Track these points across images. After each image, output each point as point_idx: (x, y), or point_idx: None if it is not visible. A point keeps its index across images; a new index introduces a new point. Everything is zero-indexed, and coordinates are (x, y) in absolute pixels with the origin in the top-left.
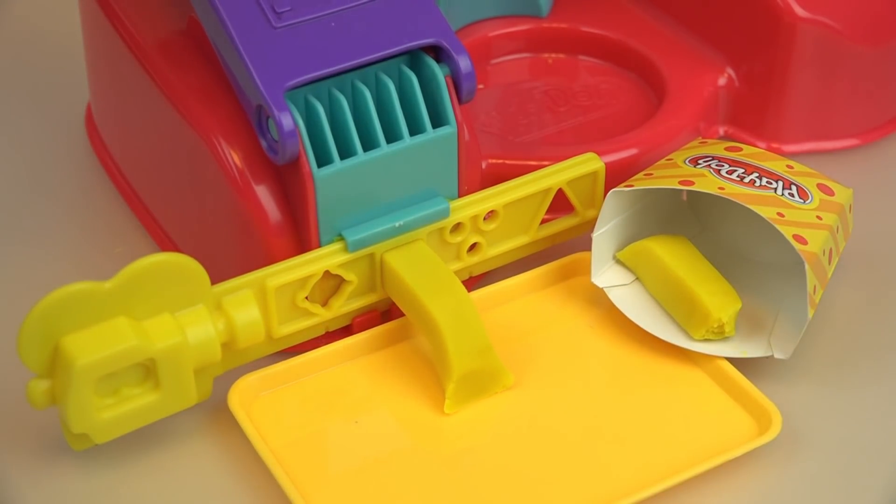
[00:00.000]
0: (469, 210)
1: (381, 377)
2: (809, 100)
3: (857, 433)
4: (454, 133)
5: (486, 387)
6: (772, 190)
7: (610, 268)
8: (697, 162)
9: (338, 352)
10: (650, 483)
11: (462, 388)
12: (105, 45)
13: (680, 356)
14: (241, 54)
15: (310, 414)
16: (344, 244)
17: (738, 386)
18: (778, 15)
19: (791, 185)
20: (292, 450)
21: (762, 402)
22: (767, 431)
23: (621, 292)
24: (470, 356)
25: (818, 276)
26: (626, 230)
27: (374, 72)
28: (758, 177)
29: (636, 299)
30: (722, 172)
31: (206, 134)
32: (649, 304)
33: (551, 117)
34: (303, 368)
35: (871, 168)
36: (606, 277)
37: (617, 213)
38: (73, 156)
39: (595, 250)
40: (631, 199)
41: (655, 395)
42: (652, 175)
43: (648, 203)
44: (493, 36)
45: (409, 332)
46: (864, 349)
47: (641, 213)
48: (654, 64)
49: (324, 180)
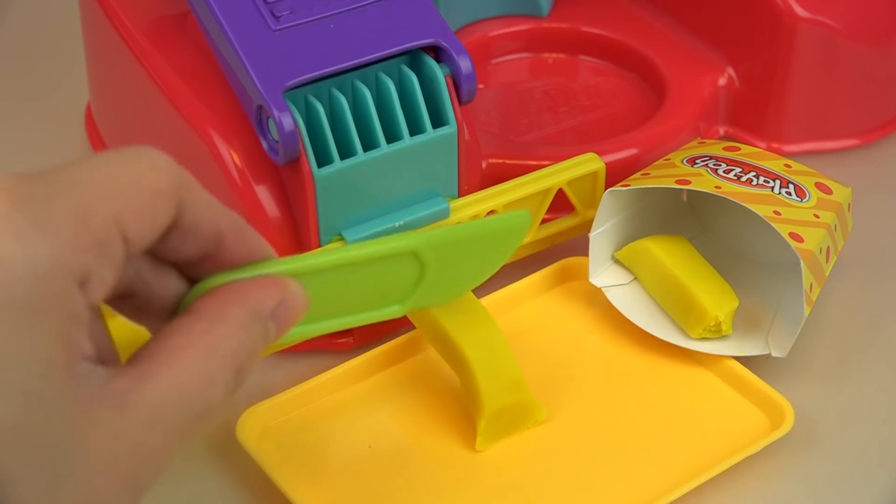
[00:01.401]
0: (469, 210)
1: (391, 397)
2: (809, 100)
3: (861, 428)
4: (454, 133)
5: (518, 422)
6: (769, 189)
7: (608, 268)
8: (695, 161)
9: (345, 374)
10: (676, 486)
11: (493, 423)
12: (105, 44)
13: (684, 357)
14: (239, 56)
15: (321, 441)
16: (343, 244)
17: (746, 382)
18: (778, 15)
19: (789, 183)
20: (305, 479)
21: (773, 396)
22: (782, 425)
23: (619, 292)
24: (502, 391)
25: (815, 274)
26: (626, 230)
27: (375, 72)
28: (755, 175)
29: (634, 299)
30: (719, 171)
31: (206, 134)
32: (647, 303)
33: (551, 117)
34: (312, 394)
35: (871, 168)
36: (604, 277)
37: (615, 213)
38: (73, 156)
39: (593, 250)
40: (630, 199)
41: (666, 397)
42: (649, 175)
43: (648, 203)
44: (494, 36)
45: (416, 347)
46: (864, 348)
47: (641, 213)
48: (654, 64)
49: (324, 180)
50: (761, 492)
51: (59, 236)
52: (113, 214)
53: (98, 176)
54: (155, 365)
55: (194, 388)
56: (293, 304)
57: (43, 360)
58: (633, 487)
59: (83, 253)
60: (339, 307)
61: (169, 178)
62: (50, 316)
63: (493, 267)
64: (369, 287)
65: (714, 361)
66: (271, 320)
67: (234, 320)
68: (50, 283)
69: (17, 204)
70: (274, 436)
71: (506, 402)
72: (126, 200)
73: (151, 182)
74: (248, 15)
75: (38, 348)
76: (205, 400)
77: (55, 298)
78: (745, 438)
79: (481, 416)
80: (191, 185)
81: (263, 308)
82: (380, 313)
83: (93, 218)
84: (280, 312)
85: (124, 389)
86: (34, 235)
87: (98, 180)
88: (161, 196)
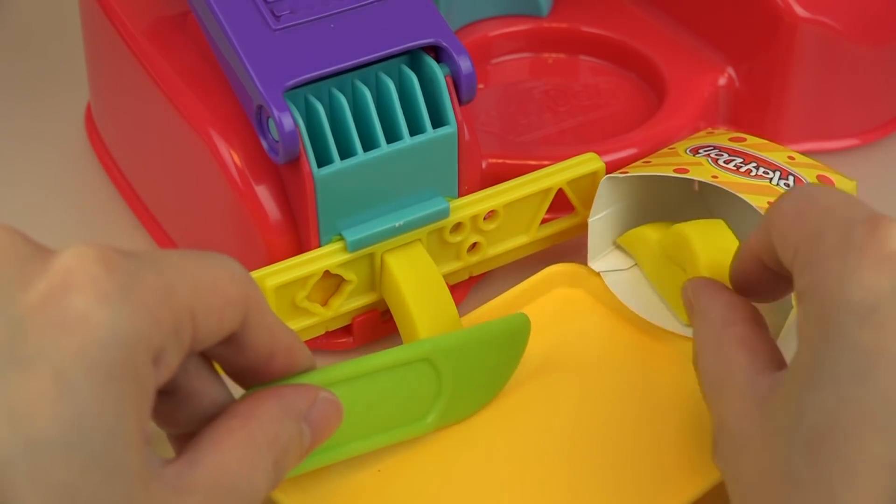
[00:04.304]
0: (469, 210)
1: None
2: (809, 100)
3: None
4: (454, 133)
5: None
6: (767, 180)
7: (609, 253)
8: (698, 151)
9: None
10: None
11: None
12: (105, 44)
13: (685, 358)
14: (239, 55)
15: (328, 466)
16: (344, 244)
17: None
18: (778, 15)
19: (789, 175)
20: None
21: None
22: None
23: (618, 277)
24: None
25: None
26: (634, 217)
27: (375, 72)
28: (755, 166)
29: (632, 284)
30: (720, 162)
31: (206, 134)
32: (645, 289)
33: (551, 117)
34: None
35: (871, 168)
36: (605, 262)
37: (617, 200)
38: (73, 156)
39: (591, 235)
40: (637, 186)
41: (667, 398)
42: (650, 162)
43: (657, 191)
44: (493, 36)
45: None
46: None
47: (651, 202)
48: (654, 64)
49: (324, 180)
50: None
51: (143, 308)
52: (189, 304)
53: (182, 268)
54: (202, 453)
55: (240, 473)
56: (326, 409)
57: (120, 429)
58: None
59: (161, 331)
60: (367, 425)
61: (242, 292)
62: (130, 385)
63: (505, 373)
64: (392, 401)
65: None
66: (305, 422)
67: (268, 415)
68: (132, 352)
69: (110, 270)
70: None
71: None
72: (202, 297)
73: (227, 289)
74: (248, 15)
75: (117, 415)
76: (251, 484)
77: (134, 369)
78: None
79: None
80: (259, 306)
81: (297, 407)
82: (407, 430)
83: (173, 301)
84: (314, 416)
85: (176, 473)
86: (121, 303)
87: (182, 271)
88: (232, 305)
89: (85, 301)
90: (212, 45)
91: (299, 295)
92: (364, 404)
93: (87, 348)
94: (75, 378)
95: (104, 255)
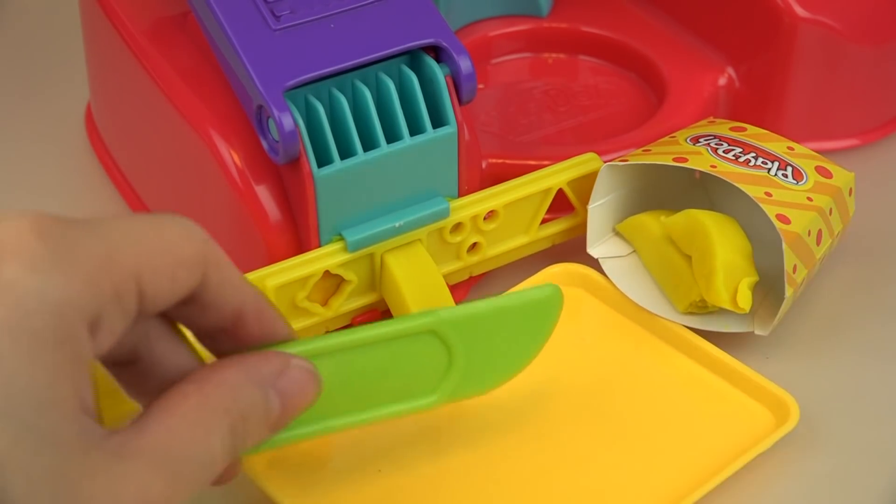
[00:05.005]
0: (469, 210)
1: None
2: (809, 100)
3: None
4: (454, 133)
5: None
6: (765, 170)
7: (609, 240)
8: (698, 140)
9: None
10: (689, 490)
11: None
12: (105, 44)
13: (684, 359)
14: (239, 55)
15: (329, 467)
16: (344, 244)
17: (748, 380)
18: (778, 15)
19: (787, 165)
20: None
21: (776, 391)
22: (787, 421)
23: (616, 263)
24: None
25: (800, 256)
26: (633, 205)
27: (375, 72)
28: (754, 157)
29: (630, 271)
30: (719, 151)
31: (206, 134)
32: (643, 277)
33: (551, 117)
34: None
35: (871, 168)
36: (604, 248)
37: (616, 188)
38: (73, 156)
39: (590, 222)
40: (638, 174)
41: (666, 399)
42: (650, 151)
43: (657, 179)
44: (493, 36)
45: None
46: (863, 346)
47: (650, 189)
48: (654, 64)
49: (324, 180)
50: (760, 487)
51: (75, 276)
52: (133, 268)
53: (128, 232)
54: (150, 419)
55: (193, 438)
56: (298, 377)
57: (53, 398)
58: (641, 494)
59: (97, 297)
60: (364, 398)
61: (196, 251)
62: (62, 353)
63: (531, 348)
64: (393, 375)
65: (715, 361)
66: (272, 389)
67: (227, 380)
68: (63, 319)
69: (43, 238)
70: (280, 463)
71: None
72: (149, 260)
73: (179, 250)
74: (248, 15)
75: (49, 383)
76: (206, 450)
77: (66, 337)
78: (751, 436)
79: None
80: (219, 263)
81: (259, 373)
82: (410, 406)
83: (114, 266)
84: (283, 384)
85: (121, 442)
86: (52, 270)
87: (127, 235)
88: (184, 265)
89: (14, 269)
90: (212, 45)
91: (299, 295)
92: (359, 377)
93: (14, 316)
94: (1, 346)
95: (38, 224)
